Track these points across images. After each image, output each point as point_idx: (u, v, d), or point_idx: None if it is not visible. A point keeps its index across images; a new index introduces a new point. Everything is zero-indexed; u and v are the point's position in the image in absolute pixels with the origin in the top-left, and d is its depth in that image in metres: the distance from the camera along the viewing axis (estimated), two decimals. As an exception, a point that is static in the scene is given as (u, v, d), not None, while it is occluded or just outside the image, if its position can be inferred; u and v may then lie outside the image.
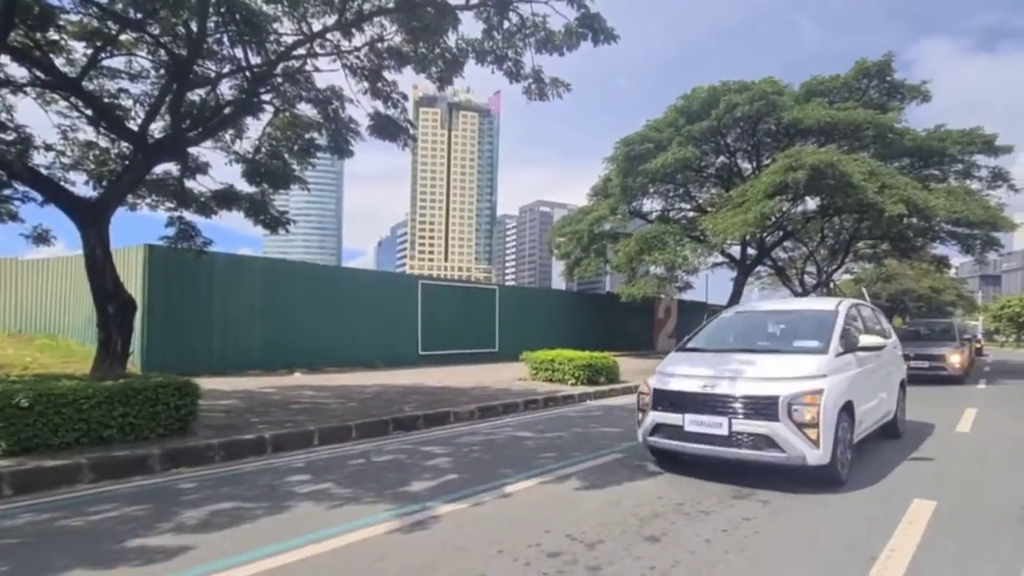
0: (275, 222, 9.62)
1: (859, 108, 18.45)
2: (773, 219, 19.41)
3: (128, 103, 8.14)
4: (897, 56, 20.11)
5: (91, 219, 6.63)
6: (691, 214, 24.41)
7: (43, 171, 7.54)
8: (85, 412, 5.52)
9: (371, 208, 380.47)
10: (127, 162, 8.49)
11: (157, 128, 8.21)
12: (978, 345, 21.44)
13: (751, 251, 23.22)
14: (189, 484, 5.13)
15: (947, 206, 16.15)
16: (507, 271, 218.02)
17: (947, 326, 17.88)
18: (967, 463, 6.32)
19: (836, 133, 18.71)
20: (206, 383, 7.92)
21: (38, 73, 6.97)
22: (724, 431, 5.12)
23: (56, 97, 8.04)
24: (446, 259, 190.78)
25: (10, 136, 7.72)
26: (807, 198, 19.92)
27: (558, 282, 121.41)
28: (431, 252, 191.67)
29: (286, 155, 9.43)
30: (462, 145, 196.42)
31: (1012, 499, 4.82)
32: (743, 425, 5.06)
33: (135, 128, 7.62)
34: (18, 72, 7.44)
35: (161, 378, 6.25)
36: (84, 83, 7.39)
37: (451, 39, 7.91)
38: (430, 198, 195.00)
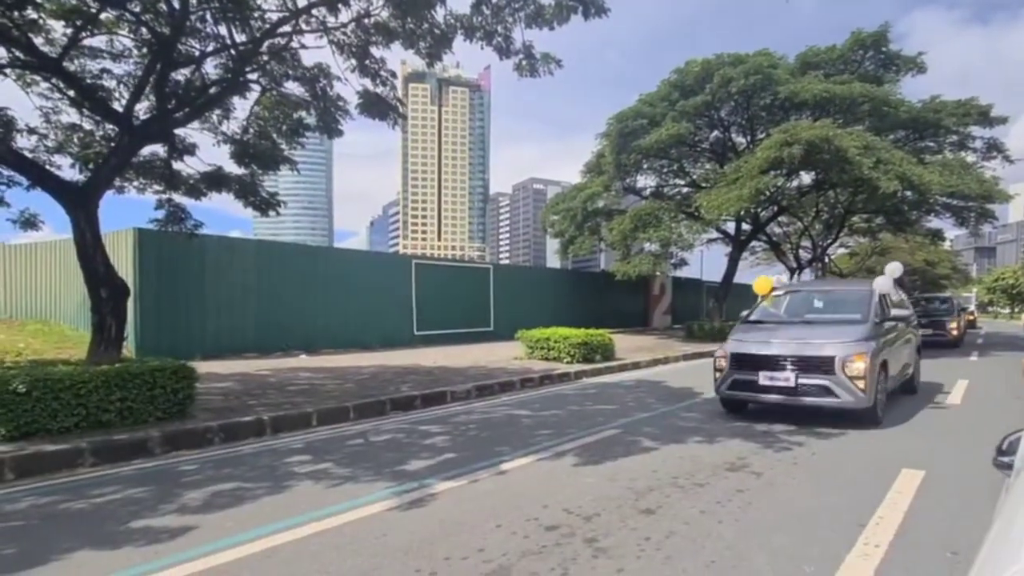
0: (265, 204, 9.54)
1: (855, 81, 18.30)
2: (768, 194, 19.38)
3: (111, 84, 7.97)
4: (891, 28, 19.94)
5: (79, 203, 6.55)
6: (685, 190, 24.32)
7: (27, 155, 7.42)
8: (83, 397, 5.54)
9: (362, 188, 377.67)
10: (112, 144, 8.39)
11: (142, 109, 8.06)
12: (971, 317, 22.69)
13: (746, 227, 23.21)
14: (190, 466, 5.18)
15: (942, 181, 16.13)
16: (501, 250, 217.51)
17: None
18: (957, 433, 6.44)
19: (831, 106, 18.59)
20: (202, 366, 7.94)
21: (17, 54, 6.82)
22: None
23: (37, 79, 7.88)
24: (439, 238, 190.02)
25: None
26: (802, 173, 19.89)
27: (553, 260, 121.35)
28: (424, 231, 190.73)
29: (274, 135, 9.30)
30: (453, 122, 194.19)
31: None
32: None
33: (120, 109, 7.49)
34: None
35: (157, 362, 6.26)
36: (65, 63, 7.23)
37: (439, 14, 7.77)
38: (422, 176, 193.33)
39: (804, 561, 3.13)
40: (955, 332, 18.26)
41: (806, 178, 21.47)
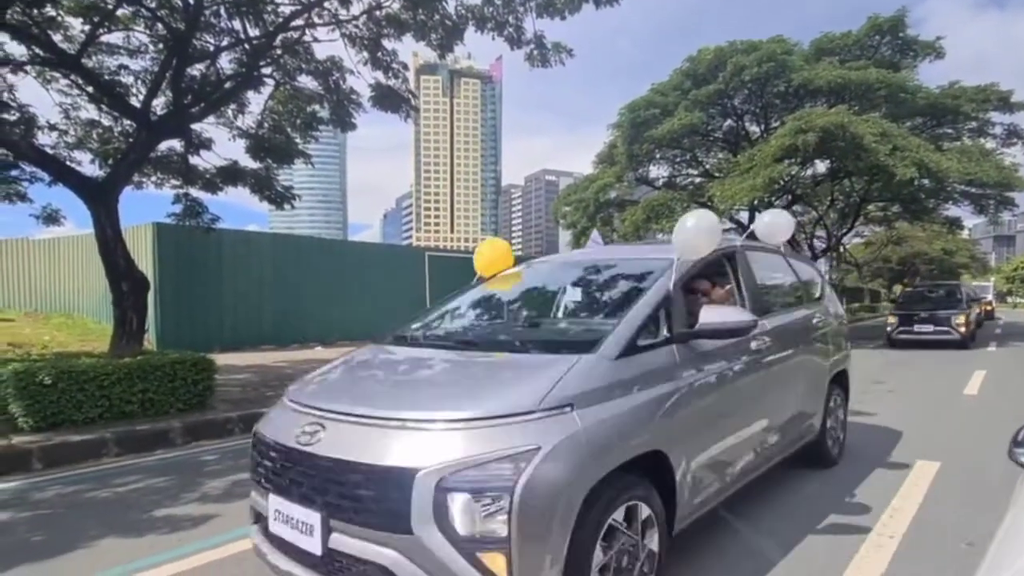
0: (280, 197, 9.64)
1: (871, 67, 18.03)
2: (782, 183, 19.19)
3: (129, 80, 8.10)
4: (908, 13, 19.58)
5: (100, 198, 6.68)
6: (698, 180, 24.15)
7: (48, 151, 7.56)
8: (106, 388, 5.67)
9: (375, 181, 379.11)
10: (131, 140, 8.52)
11: (159, 104, 8.18)
12: (988, 307, 20.75)
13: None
14: (210, 456, 5.30)
15: (960, 168, 15.86)
16: (514, 241, 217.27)
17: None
18: (973, 424, 6.39)
19: (847, 93, 18.33)
20: (220, 359, 8.05)
21: (37, 51, 6.94)
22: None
23: (56, 75, 8.02)
24: (452, 230, 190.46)
25: (13, 116, 7.73)
26: (816, 161, 19.65)
27: (565, 251, 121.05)
28: (437, 223, 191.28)
29: (289, 129, 9.39)
30: (465, 113, 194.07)
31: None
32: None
33: (137, 105, 7.60)
34: (16, 50, 7.43)
35: (177, 355, 6.38)
36: (83, 60, 7.35)
37: (450, 5, 7.79)
38: (434, 169, 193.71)
39: (817, 551, 3.15)
40: (963, 329, 14.59)
41: (821, 166, 21.22)
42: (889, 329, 15.72)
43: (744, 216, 23.34)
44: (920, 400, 7.59)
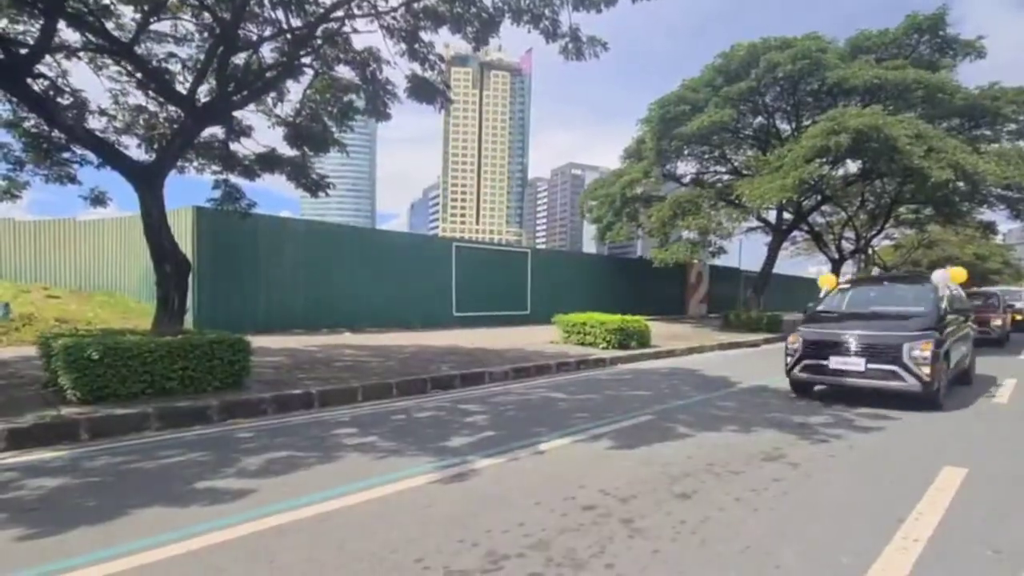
0: (316, 185, 9.85)
1: (908, 67, 17.59)
2: (811, 183, 18.88)
3: (176, 67, 8.34)
4: (948, 11, 19.00)
5: (147, 182, 6.93)
6: (726, 177, 23.86)
7: (99, 135, 7.84)
8: (149, 365, 5.92)
9: (404, 170, 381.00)
10: (174, 126, 8.78)
11: (202, 91, 8.41)
12: (1019, 317, 20.73)
13: (787, 216, 22.66)
14: (246, 434, 5.50)
15: (998, 172, 15.41)
16: (538, 234, 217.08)
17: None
18: (1003, 432, 6.30)
19: (882, 93, 17.92)
20: (253, 341, 8.25)
21: (91, 38, 7.19)
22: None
23: (107, 62, 8.29)
24: (477, 221, 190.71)
25: (67, 100, 8.03)
26: (848, 161, 19.28)
27: (589, 245, 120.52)
28: (463, 214, 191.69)
29: (325, 118, 9.57)
30: (493, 106, 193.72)
31: (1046, 469, 4.84)
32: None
33: (183, 92, 7.84)
34: (70, 36, 7.71)
35: (215, 335, 6.62)
36: (134, 48, 7.60)
37: (487, -2, 7.85)
38: (461, 160, 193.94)
39: (840, 552, 3.19)
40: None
41: (852, 166, 20.81)
42: None
43: (772, 215, 23.07)
44: (949, 406, 7.49)
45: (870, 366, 7.23)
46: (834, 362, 7.48)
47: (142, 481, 4.14)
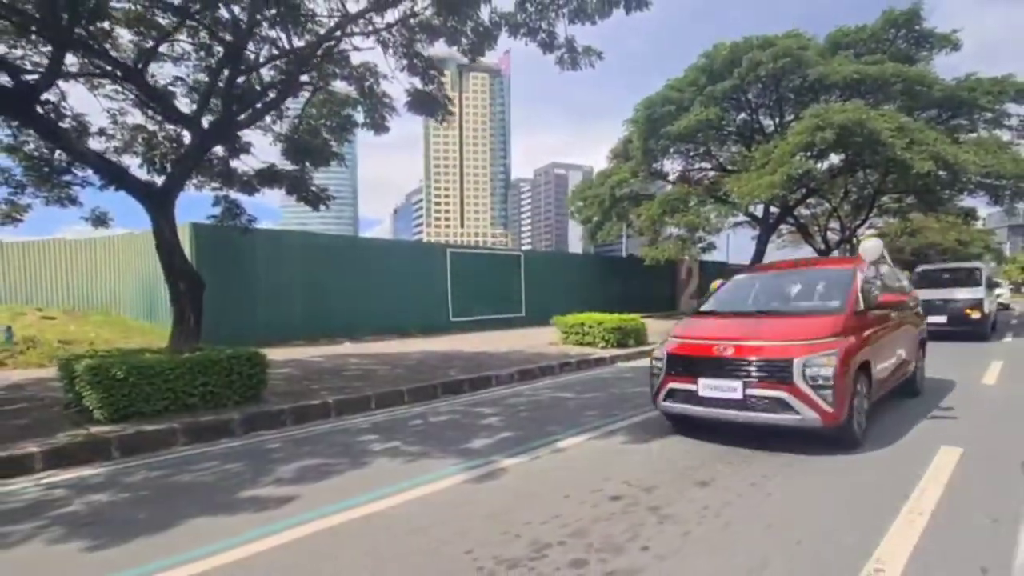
0: (316, 198, 9.99)
1: (887, 61, 18.13)
2: (798, 177, 19.33)
3: (181, 90, 8.47)
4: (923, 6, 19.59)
5: (159, 202, 7.06)
6: (711, 174, 24.30)
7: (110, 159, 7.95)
8: (171, 382, 6.06)
9: (385, 176, 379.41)
10: (174, 144, 8.90)
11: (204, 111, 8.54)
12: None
13: (774, 209, 23.14)
14: (273, 444, 5.66)
15: (977, 161, 15.93)
16: (523, 235, 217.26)
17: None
18: (994, 412, 6.62)
19: (863, 87, 18.43)
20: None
21: (97, 62, 7.30)
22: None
23: (103, 82, 8.39)
24: (462, 225, 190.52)
25: (67, 124, 8.12)
26: (831, 154, 19.77)
27: (576, 245, 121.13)
28: (447, 218, 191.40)
29: (324, 132, 9.72)
30: (474, 107, 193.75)
31: (1035, 444, 5.15)
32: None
33: (188, 112, 7.97)
34: (70, 59, 7.79)
35: (232, 350, 6.75)
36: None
37: (484, 13, 8.06)
38: (444, 163, 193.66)
39: (852, 527, 3.45)
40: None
41: (835, 159, 21.33)
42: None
43: (759, 210, 23.52)
44: (940, 389, 7.82)
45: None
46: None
47: (185, 493, 4.30)
